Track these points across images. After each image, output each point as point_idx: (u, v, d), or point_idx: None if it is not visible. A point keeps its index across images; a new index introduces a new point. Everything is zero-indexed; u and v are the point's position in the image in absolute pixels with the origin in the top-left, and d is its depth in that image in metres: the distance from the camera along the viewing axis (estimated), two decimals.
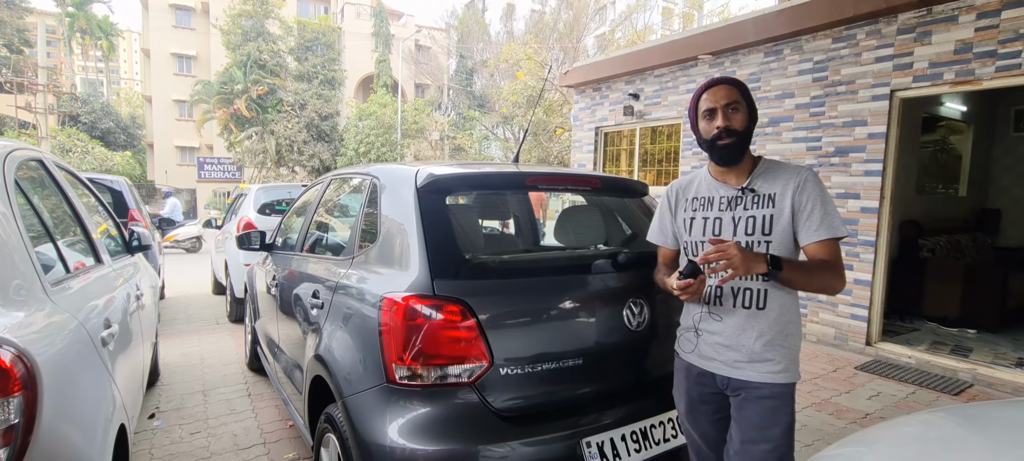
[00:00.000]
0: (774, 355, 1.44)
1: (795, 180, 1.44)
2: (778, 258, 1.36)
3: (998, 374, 3.81)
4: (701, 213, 1.55)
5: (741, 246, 1.33)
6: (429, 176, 1.79)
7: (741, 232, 1.47)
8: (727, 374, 1.49)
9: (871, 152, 4.47)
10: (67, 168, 2.40)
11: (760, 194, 1.47)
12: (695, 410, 1.60)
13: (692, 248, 1.56)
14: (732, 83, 1.49)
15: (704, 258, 1.35)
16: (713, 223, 1.52)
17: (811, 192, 1.42)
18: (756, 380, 1.44)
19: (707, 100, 1.49)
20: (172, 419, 3.12)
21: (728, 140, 1.45)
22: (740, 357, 1.46)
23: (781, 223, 1.43)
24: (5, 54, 27.09)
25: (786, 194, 1.43)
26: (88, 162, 24.38)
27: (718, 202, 1.52)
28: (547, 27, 22.05)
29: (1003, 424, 1.18)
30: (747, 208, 1.48)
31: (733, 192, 1.50)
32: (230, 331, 5.22)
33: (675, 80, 6.42)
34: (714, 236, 1.50)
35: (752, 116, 1.48)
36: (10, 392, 1.08)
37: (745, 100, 1.48)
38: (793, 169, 1.47)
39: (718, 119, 1.46)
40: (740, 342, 1.46)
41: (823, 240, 1.40)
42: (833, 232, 1.40)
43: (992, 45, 3.81)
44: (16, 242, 1.36)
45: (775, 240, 1.44)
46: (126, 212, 5.53)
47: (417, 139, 23.81)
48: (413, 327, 1.52)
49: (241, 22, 24.11)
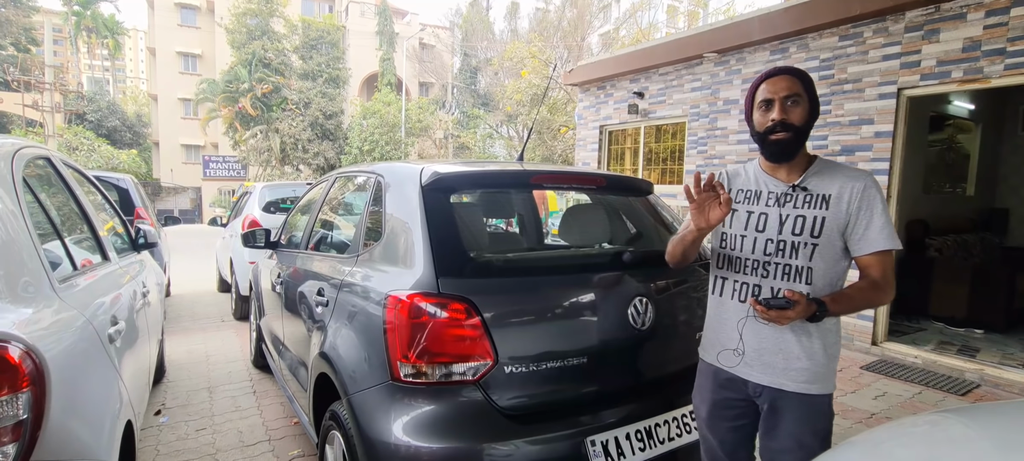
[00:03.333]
0: (813, 365, 1.39)
1: (855, 185, 1.36)
2: (821, 301, 1.31)
3: (1005, 374, 3.79)
4: (745, 206, 1.49)
5: (808, 301, 1.29)
6: (434, 174, 1.79)
7: (788, 231, 1.40)
8: (763, 382, 1.43)
9: (878, 151, 4.44)
10: (74, 166, 2.41)
11: (813, 193, 1.39)
12: (717, 415, 1.56)
13: (731, 241, 1.51)
14: (795, 74, 1.40)
15: (786, 303, 1.29)
16: (758, 218, 1.45)
17: (871, 200, 1.35)
18: (795, 390, 1.39)
19: (765, 90, 1.41)
20: (178, 416, 3.14)
21: (783, 134, 1.38)
22: (780, 366, 1.41)
23: (832, 227, 1.36)
24: (12, 53, 27.27)
25: (843, 197, 1.36)
26: (94, 160, 24.52)
27: (766, 197, 1.46)
28: (551, 25, 22.01)
29: (1011, 424, 1.17)
30: (797, 207, 1.40)
31: (783, 188, 1.43)
32: (235, 328, 5.25)
33: (680, 78, 6.39)
34: (759, 233, 1.44)
35: (813, 111, 1.41)
36: (18, 388, 1.08)
37: (808, 93, 1.39)
38: (853, 173, 1.39)
39: (774, 111, 1.38)
40: (780, 350, 1.41)
41: (879, 252, 1.34)
42: (889, 243, 1.33)
43: (1001, 43, 3.77)
44: (24, 239, 1.37)
45: (822, 243, 1.37)
46: (132, 210, 5.57)
47: (421, 138, 23.83)
48: (418, 325, 1.52)
49: (246, 21, 24.18)
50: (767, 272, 1.43)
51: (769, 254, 1.43)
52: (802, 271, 1.39)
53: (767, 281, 1.43)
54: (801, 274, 1.39)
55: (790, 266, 1.40)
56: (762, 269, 1.44)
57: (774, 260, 1.42)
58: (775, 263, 1.42)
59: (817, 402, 1.40)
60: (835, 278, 1.40)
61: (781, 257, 1.41)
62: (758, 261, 1.44)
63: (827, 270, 1.38)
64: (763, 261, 1.44)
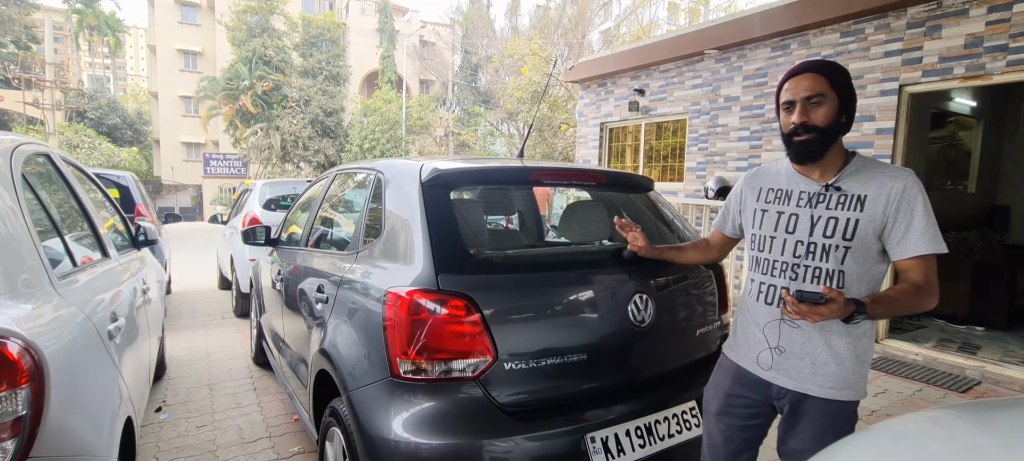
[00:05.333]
0: (842, 371, 1.35)
1: (894, 185, 1.28)
2: (861, 301, 1.22)
3: (1006, 372, 3.78)
4: (775, 207, 1.44)
5: (845, 300, 1.19)
6: (434, 171, 1.78)
7: (818, 233, 1.34)
8: (788, 386, 1.40)
9: (879, 148, 4.43)
10: (74, 163, 2.41)
11: (848, 194, 1.33)
12: (729, 412, 1.54)
13: (759, 242, 1.46)
14: (820, 70, 1.33)
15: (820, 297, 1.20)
16: (788, 219, 1.40)
17: (911, 201, 1.26)
18: (821, 395, 1.36)
19: (788, 90, 1.35)
20: (178, 412, 3.14)
21: (805, 137, 1.32)
22: (807, 372, 1.37)
23: (867, 230, 1.30)
24: (13, 51, 27.28)
25: (879, 199, 1.29)
26: (95, 158, 24.55)
27: (797, 197, 1.40)
28: (552, 22, 21.95)
29: (1012, 421, 1.16)
30: (830, 208, 1.34)
31: (816, 188, 1.37)
32: (236, 326, 5.25)
33: (681, 75, 6.38)
34: (789, 234, 1.39)
35: (845, 107, 1.33)
36: (17, 384, 1.08)
37: (836, 89, 1.31)
38: (893, 172, 1.31)
39: (795, 114, 1.33)
40: (807, 354, 1.37)
41: (921, 256, 1.26)
42: (931, 247, 1.25)
43: (1003, 39, 3.76)
44: (23, 236, 1.37)
45: (855, 247, 1.31)
46: (133, 207, 5.57)
47: (422, 135, 23.81)
48: (418, 322, 1.52)
49: (246, 18, 24.16)
50: (796, 274, 1.38)
51: (799, 257, 1.37)
52: (833, 275, 1.33)
53: (796, 284, 1.38)
54: (832, 278, 1.33)
55: (821, 269, 1.34)
56: (791, 271, 1.39)
57: (804, 262, 1.37)
58: (805, 266, 1.36)
59: (843, 408, 1.36)
60: (872, 282, 1.34)
61: (811, 260, 1.35)
62: (787, 263, 1.39)
63: (862, 274, 1.33)
64: (792, 263, 1.39)
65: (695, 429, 1.83)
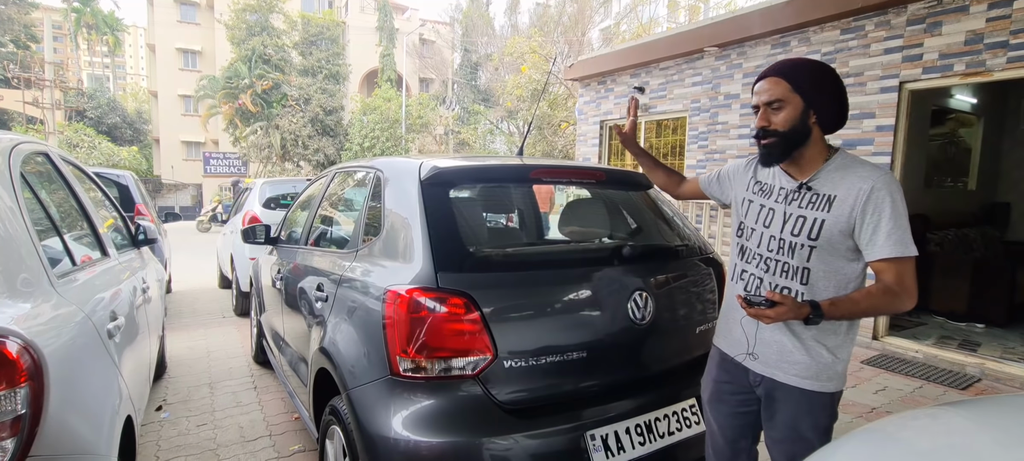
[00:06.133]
0: (811, 362, 1.36)
1: (862, 186, 1.27)
2: (817, 304, 1.26)
3: (1007, 368, 3.78)
4: (759, 199, 1.48)
5: (795, 304, 1.24)
6: (433, 169, 1.78)
7: (788, 231, 1.38)
8: (760, 372, 1.45)
9: (879, 145, 4.43)
10: (73, 162, 2.41)
11: (819, 194, 1.34)
12: (720, 398, 1.58)
13: (746, 233, 1.50)
14: (780, 74, 1.34)
15: (761, 308, 1.25)
16: (767, 213, 1.44)
17: (878, 203, 1.26)
18: (792, 383, 1.39)
19: (754, 95, 1.39)
20: (179, 411, 3.14)
21: (767, 141, 1.35)
22: (774, 359, 1.41)
23: (833, 231, 1.30)
24: (12, 50, 27.26)
25: (847, 200, 1.29)
26: (95, 157, 24.55)
27: (776, 192, 1.44)
28: (552, 20, 21.92)
29: (1012, 418, 1.16)
30: (801, 206, 1.36)
31: (792, 185, 1.40)
32: (236, 324, 5.25)
33: (681, 73, 6.37)
34: (766, 228, 1.43)
35: (813, 106, 1.32)
36: (16, 383, 1.08)
37: (799, 92, 1.31)
38: (866, 173, 1.30)
39: (758, 118, 1.37)
40: (776, 343, 1.40)
41: (889, 259, 1.26)
42: (896, 251, 1.25)
43: (1003, 36, 3.75)
44: (22, 235, 1.36)
45: (820, 246, 1.32)
46: (132, 206, 5.57)
47: (421, 134, 23.79)
48: (417, 320, 1.52)
49: (245, 17, 24.12)
50: (768, 267, 1.43)
51: (771, 251, 1.42)
52: (799, 271, 1.37)
53: (768, 276, 1.42)
54: (798, 274, 1.37)
55: (788, 265, 1.38)
56: (764, 264, 1.44)
57: (775, 257, 1.41)
58: (775, 260, 1.41)
59: (817, 398, 1.38)
60: (843, 280, 1.34)
61: (782, 255, 1.40)
62: (761, 255, 1.44)
63: (829, 272, 1.34)
64: (765, 256, 1.43)
65: (695, 426, 1.83)
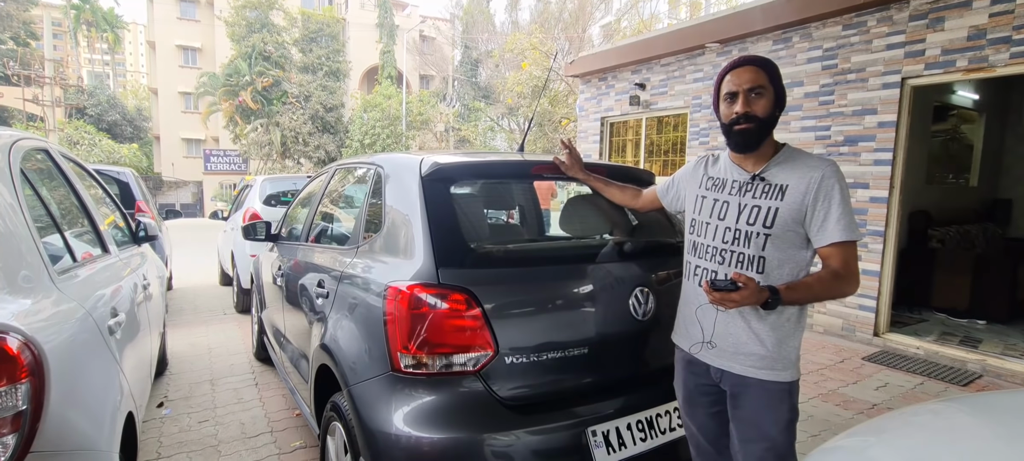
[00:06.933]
0: (763, 351, 1.39)
1: (813, 175, 1.35)
2: (776, 289, 1.32)
3: (1008, 365, 3.78)
4: (713, 194, 1.51)
5: (758, 287, 1.29)
6: (434, 165, 1.77)
7: (743, 221, 1.42)
8: (719, 366, 1.47)
9: (881, 141, 4.42)
10: (73, 159, 2.40)
11: (771, 184, 1.40)
12: (693, 402, 1.59)
13: (697, 227, 1.53)
14: (759, 64, 1.40)
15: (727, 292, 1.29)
16: (721, 206, 1.48)
17: (828, 191, 1.33)
18: (748, 375, 1.41)
19: (730, 82, 1.42)
20: (180, 408, 3.15)
21: (746, 126, 1.39)
22: (730, 350, 1.44)
23: (787, 218, 1.36)
24: (11, 47, 27.25)
25: (800, 188, 1.35)
26: (95, 154, 24.55)
27: (730, 185, 1.48)
28: (552, 17, 21.86)
29: (1013, 414, 1.16)
30: (755, 197, 1.41)
31: (746, 177, 1.45)
32: (237, 321, 5.26)
33: (682, 69, 6.35)
34: (721, 221, 1.47)
35: (779, 102, 1.41)
36: (17, 379, 1.08)
37: (773, 84, 1.39)
38: (814, 163, 1.38)
39: (738, 104, 1.39)
40: (730, 335, 1.43)
41: (836, 243, 1.33)
42: (846, 235, 1.32)
43: (1006, 31, 3.73)
44: (22, 231, 1.36)
45: (775, 234, 1.37)
46: (133, 203, 5.57)
47: (422, 131, 23.77)
48: (418, 316, 1.52)
49: (245, 14, 24.08)
50: (723, 259, 1.45)
51: (726, 243, 1.45)
52: (755, 260, 1.40)
53: (723, 268, 1.45)
54: (754, 263, 1.40)
55: (744, 255, 1.42)
56: (719, 256, 1.46)
57: (730, 248, 1.44)
58: (731, 251, 1.44)
59: (772, 389, 1.40)
60: (795, 268, 1.39)
61: (737, 246, 1.43)
62: (717, 248, 1.47)
63: (783, 260, 1.39)
64: (721, 248, 1.46)
65: None
